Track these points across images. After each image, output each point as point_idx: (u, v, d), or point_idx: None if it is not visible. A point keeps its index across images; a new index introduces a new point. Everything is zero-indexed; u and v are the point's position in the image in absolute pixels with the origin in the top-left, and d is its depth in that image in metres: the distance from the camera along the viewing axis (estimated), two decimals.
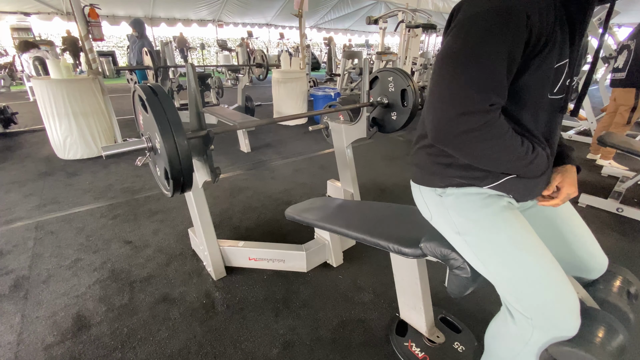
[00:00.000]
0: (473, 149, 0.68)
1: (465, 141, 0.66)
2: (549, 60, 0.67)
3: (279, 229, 2.09)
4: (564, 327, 0.71)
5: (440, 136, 0.68)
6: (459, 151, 0.71)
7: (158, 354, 1.24)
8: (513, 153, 0.69)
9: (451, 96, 0.64)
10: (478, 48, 0.62)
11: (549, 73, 0.69)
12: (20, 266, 1.71)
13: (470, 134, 0.64)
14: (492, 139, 0.65)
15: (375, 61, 5.80)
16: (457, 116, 0.63)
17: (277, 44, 14.42)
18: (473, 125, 0.63)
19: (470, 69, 0.62)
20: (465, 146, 0.67)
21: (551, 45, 0.65)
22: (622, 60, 2.82)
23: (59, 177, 2.86)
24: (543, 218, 0.91)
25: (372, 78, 1.99)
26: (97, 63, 3.23)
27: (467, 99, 0.62)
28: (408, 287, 1.22)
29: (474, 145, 0.67)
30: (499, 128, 0.65)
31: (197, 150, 1.36)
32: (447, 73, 0.64)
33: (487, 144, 0.66)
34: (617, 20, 8.62)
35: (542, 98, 0.72)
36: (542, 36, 0.63)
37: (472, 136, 0.65)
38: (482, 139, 0.65)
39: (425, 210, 0.94)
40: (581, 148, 3.76)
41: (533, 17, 0.61)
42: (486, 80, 0.62)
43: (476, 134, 0.64)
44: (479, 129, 0.63)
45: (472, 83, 0.62)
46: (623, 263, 1.77)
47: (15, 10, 7.72)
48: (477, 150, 0.68)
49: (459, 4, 0.69)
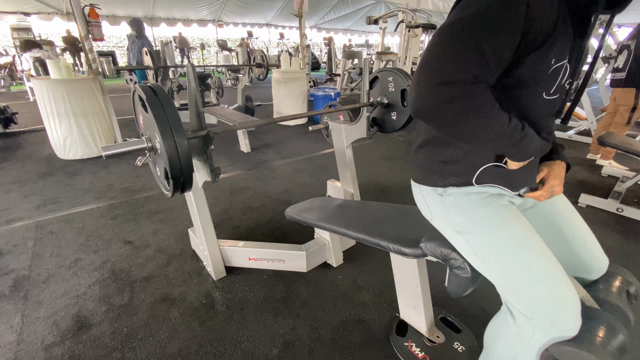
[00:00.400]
0: (454, 121, 0.64)
1: (445, 112, 0.63)
2: (547, 58, 0.66)
3: (279, 229, 2.09)
4: (565, 327, 0.71)
5: (420, 106, 0.65)
6: (440, 124, 0.67)
7: (158, 354, 1.24)
8: (499, 129, 0.65)
9: (436, 67, 0.62)
10: (470, 26, 0.61)
11: (546, 71, 0.68)
12: (20, 266, 1.71)
13: (451, 105, 0.62)
14: (474, 112, 0.62)
15: (375, 61, 5.80)
16: (438, 85, 0.61)
17: (277, 44, 14.41)
18: (453, 94, 0.61)
19: (458, 43, 0.62)
20: (445, 118, 0.64)
21: (550, 42, 0.64)
22: (622, 60, 2.82)
23: (59, 177, 2.86)
24: (544, 218, 0.91)
25: (372, 78, 1.99)
26: (97, 63, 3.23)
27: (451, 69, 0.61)
28: (408, 287, 1.22)
29: (454, 117, 0.63)
30: (482, 101, 0.62)
31: (197, 150, 1.36)
32: (436, 47, 0.64)
33: (469, 117, 0.63)
34: (617, 20, 8.62)
35: (538, 97, 0.72)
36: (542, 30, 0.62)
37: (452, 107, 0.62)
38: (463, 111, 0.62)
39: (425, 210, 0.94)
40: (581, 148, 3.76)
41: (534, 7, 0.60)
42: (472, 55, 0.61)
43: (456, 105, 0.62)
44: (459, 99, 0.61)
45: (457, 55, 0.61)
46: (623, 263, 1.78)
47: (15, 10, 7.72)
48: (458, 124, 0.64)
49: None
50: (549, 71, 0.68)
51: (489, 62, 0.62)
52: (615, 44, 3.48)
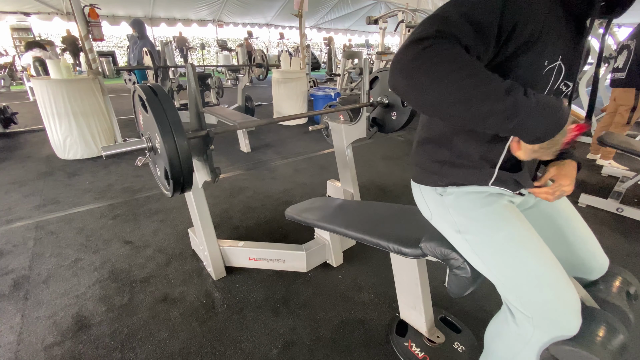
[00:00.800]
0: (426, 78, 0.58)
1: (414, 69, 0.59)
2: (541, 59, 0.66)
3: (279, 229, 2.09)
4: (565, 327, 0.71)
5: (392, 71, 0.62)
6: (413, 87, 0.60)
7: (158, 354, 1.24)
8: (484, 85, 0.56)
9: (412, 33, 0.62)
10: (449, 5, 0.62)
11: (540, 73, 0.68)
12: (20, 266, 1.71)
13: (416, 62, 0.58)
14: (443, 62, 0.56)
15: (375, 61, 5.80)
16: (408, 44, 0.60)
17: (277, 44, 14.42)
18: (417, 49, 0.58)
19: (435, 16, 0.62)
20: (417, 77, 0.59)
21: (542, 43, 0.64)
22: (622, 60, 2.82)
23: (59, 177, 2.86)
24: (544, 218, 0.91)
25: (372, 78, 1.99)
26: (97, 63, 3.23)
27: (421, 30, 0.60)
28: (408, 287, 1.22)
29: (426, 72, 0.58)
30: (450, 51, 0.57)
31: (197, 150, 1.36)
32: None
33: (440, 68, 0.56)
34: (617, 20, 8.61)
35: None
36: (528, 24, 0.61)
37: (418, 63, 0.58)
38: (432, 62, 0.57)
39: (425, 210, 0.94)
40: (581, 148, 3.76)
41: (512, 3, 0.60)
42: (437, 19, 0.61)
43: (422, 60, 0.57)
44: (423, 53, 0.57)
45: (429, 21, 0.61)
46: (623, 263, 1.78)
47: (15, 10, 7.73)
48: (432, 82, 0.57)
49: None
50: (542, 72, 0.68)
51: (455, 24, 0.60)
52: (615, 44, 3.48)
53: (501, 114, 0.56)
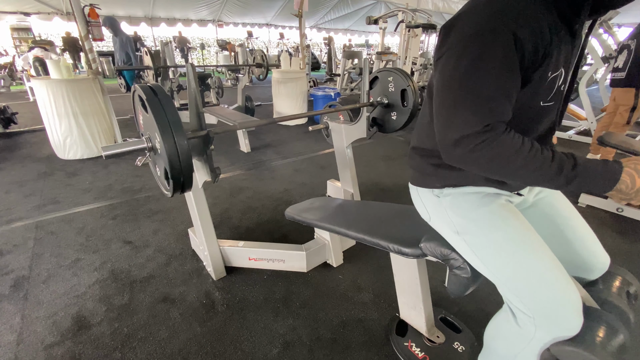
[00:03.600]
0: (484, 167, 0.67)
1: (471, 161, 0.67)
2: (546, 72, 0.68)
3: (279, 229, 2.09)
4: (567, 326, 0.71)
5: (448, 159, 0.71)
6: (474, 170, 0.71)
7: (158, 354, 1.24)
8: (539, 169, 0.64)
9: (450, 121, 0.67)
10: (469, 72, 0.64)
11: (544, 83, 0.70)
12: (20, 266, 1.71)
13: (472, 155, 0.66)
14: (498, 157, 0.64)
15: (375, 61, 5.80)
16: (455, 141, 0.66)
17: (277, 44, 14.41)
18: (470, 146, 0.65)
19: (464, 93, 0.65)
20: (475, 166, 0.68)
21: (548, 59, 0.66)
22: (622, 60, 2.82)
23: (59, 177, 2.86)
24: (543, 217, 0.91)
25: (372, 78, 1.99)
26: (97, 63, 3.23)
27: (463, 123, 0.65)
28: (408, 287, 1.22)
29: (482, 164, 0.67)
30: (502, 145, 0.64)
31: (197, 150, 1.36)
32: (447, 97, 0.68)
33: (496, 162, 0.65)
34: (617, 20, 8.62)
35: (535, 107, 0.73)
36: (538, 50, 0.64)
37: (474, 157, 0.66)
38: (487, 157, 0.65)
39: (423, 212, 0.94)
40: (581, 148, 3.76)
41: (521, 34, 0.62)
42: (480, 103, 0.64)
43: (477, 155, 0.65)
44: (476, 149, 0.65)
45: (466, 108, 0.65)
46: (623, 263, 1.78)
47: (15, 10, 7.72)
48: (491, 170, 0.67)
49: (450, 22, 0.70)
50: (546, 83, 0.70)
51: (497, 102, 0.64)
52: (615, 44, 3.47)
53: (558, 187, 0.67)
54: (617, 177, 0.64)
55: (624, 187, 0.65)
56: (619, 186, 0.65)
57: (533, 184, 0.70)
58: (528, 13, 0.63)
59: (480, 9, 0.65)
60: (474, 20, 0.65)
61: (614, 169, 0.65)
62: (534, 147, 0.65)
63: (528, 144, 0.65)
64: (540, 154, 0.64)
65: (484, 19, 0.64)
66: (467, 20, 0.66)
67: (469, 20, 0.66)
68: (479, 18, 0.65)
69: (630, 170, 0.65)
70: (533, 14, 0.63)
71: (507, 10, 0.63)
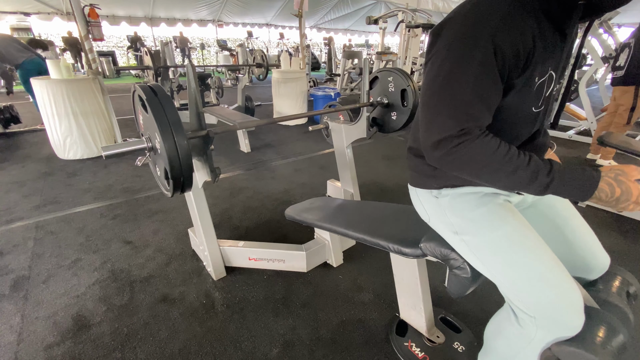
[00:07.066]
0: (461, 169, 0.69)
1: (447, 164, 0.69)
2: (532, 77, 0.69)
3: (279, 229, 2.09)
4: (568, 326, 0.71)
5: (429, 160, 0.73)
6: (454, 172, 0.73)
7: (158, 354, 1.24)
8: (513, 173, 0.66)
9: (430, 124, 0.69)
10: (449, 77, 0.66)
11: (532, 89, 0.70)
12: (20, 266, 1.71)
13: (448, 157, 0.68)
14: (474, 160, 0.66)
15: (375, 61, 5.80)
16: (433, 144, 0.68)
17: (277, 44, 14.41)
18: (446, 149, 0.67)
19: (443, 97, 0.67)
20: (452, 168, 0.70)
21: (533, 64, 0.67)
22: (624, 58, 2.83)
23: (59, 177, 2.86)
24: (543, 217, 0.91)
25: (372, 78, 1.99)
26: (97, 63, 3.23)
27: (441, 126, 0.67)
28: (408, 287, 1.22)
29: (459, 166, 0.69)
30: (477, 148, 0.65)
31: (197, 150, 1.36)
32: (429, 101, 0.70)
33: (471, 165, 0.67)
34: (617, 20, 8.63)
35: (527, 112, 0.74)
36: (520, 56, 0.65)
37: (450, 159, 0.68)
38: (462, 160, 0.67)
39: (422, 212, 0.94)
40: (581, 148, 3.76)
41: (501, 41, 0.62)
42: (457, 107, 0.65)
43: (453, 157, 0.67)
44: (452, 152, 0.66)
45: (444, 112, 0.67)
46: (623, 263, 1.78)
47: (15, 10, 7.73)
48: (466, 172, 0.69)
49: (438, 27, 0.71)
50: (534, 88, 0.70)
51: (474, 107, 0.65)
52: (615, 44, 3.48)
53: (535, 192, 0.67)
54: (595, 186, 0.65)
55: (604, 196, 0.66)
56: (599, 194, 0.66)
57: (511, 188, 0.71)
58: (510, 20, 0.63)
59: (464, 16, 0.67)
60: (458, 26, 0.67)
61: (592, 177, 0.65)
62: (510, 151, 0.66)
63: (504, 147, 0.66)
64: (515, 158, 0.65)
65: (466, 25, 0.65)
66: (451, 26, 0.68)
67: (453, 26, 0.67)
68: (462, 24, 0.66)
69: (610, 179, 0.65)
70: (516, 20, 0.64)
71: (489, 16, 0.63)
